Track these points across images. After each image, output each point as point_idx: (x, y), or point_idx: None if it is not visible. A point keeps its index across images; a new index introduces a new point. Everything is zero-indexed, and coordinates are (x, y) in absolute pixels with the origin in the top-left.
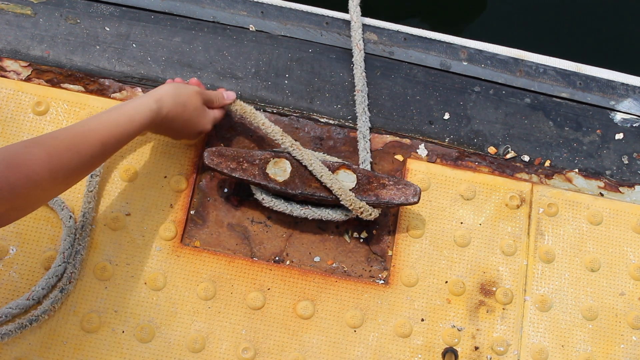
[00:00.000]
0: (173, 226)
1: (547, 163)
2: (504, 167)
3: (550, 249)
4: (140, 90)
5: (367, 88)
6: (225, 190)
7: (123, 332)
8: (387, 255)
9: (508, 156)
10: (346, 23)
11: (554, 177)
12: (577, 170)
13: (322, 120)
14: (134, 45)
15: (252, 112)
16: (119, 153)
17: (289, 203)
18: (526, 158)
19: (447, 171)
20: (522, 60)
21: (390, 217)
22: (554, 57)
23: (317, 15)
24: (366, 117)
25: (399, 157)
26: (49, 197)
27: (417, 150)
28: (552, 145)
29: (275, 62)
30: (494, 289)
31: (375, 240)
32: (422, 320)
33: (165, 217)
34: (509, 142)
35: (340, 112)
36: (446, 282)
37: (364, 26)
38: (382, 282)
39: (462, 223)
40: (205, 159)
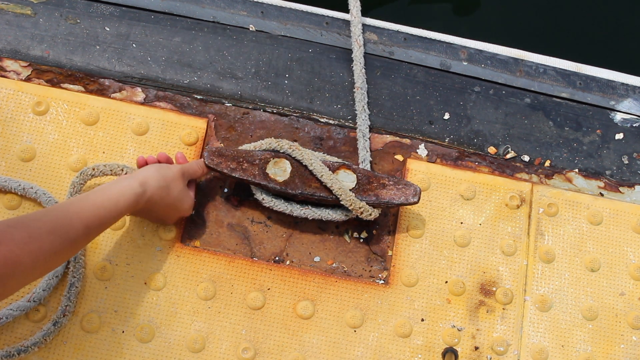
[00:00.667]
0: (173, 226)
1: (547, 163)
2: (504, 167)
3: (550, 249)
4: (140, 90)
5: (366, 85)
6: (225, 190)
7: (123, 332)
8: (387, 255)
9: (508, 156)
10: (346, 23)
11: (554, 177)
12: (577, 170)
13: (322, 120)
14: (134, 45)
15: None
16: (119, 153)
17: (289, 203)
18: (526, 158)
19: (447, 171)
20: (522, 60)
21: (390, 217)
22: (554, 57)
23: (317, 15)
24: (365, 115)
25: (399, 157)
26: (27, 281)
27: (417, 150)
28: (552, 145)
29: (275, 62)
30: (494, 289)
31: (375, 240)
32: (422, 320)
33: None
34: (509, 142)
35: (340, 112)
36: (446, 282)
37: (364, 26)
38: (382, 282)
39: (462, 223)
40: (205, 159)
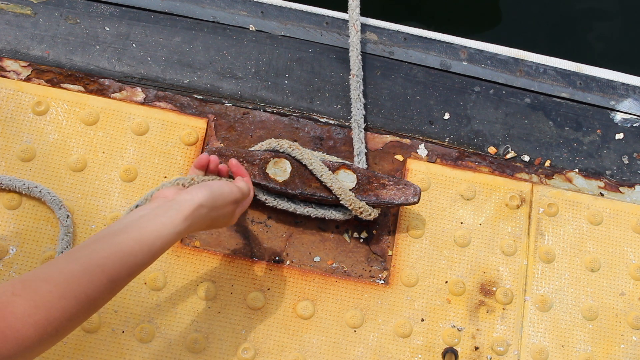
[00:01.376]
0: None
1: (547, 163)
2: (504, 167)
3: (550, 249)
4: (140, 90)
5: (362, 73)
6: None
7: (123, 332)
8: (387, 255)
9: (508, 156)
10: (346, 23)
11: (554, 177)
12: (577, 170)
13: (322, 120)
14: (134, 45)
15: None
16: (119, 153)
17: (292, 202)
18: (526, 158)
19: (447, 171)
20: (522, 60)
21: (390, 217)
22: (554, 57)
23: (317, 15)
24: (361, 105)
25: (399, 157)
26: (37, 353)
27: (417, 150)
28: (552, 145)
29: (275, 62)
30: (494, 289)
31: (375, 240)
32: (422, 320)
33: None
34: (509, 142)
35: (340, 112)
36: (446, 282)
37: (364, 26)
38: (382, 282)
39: (462, 223)
40: None
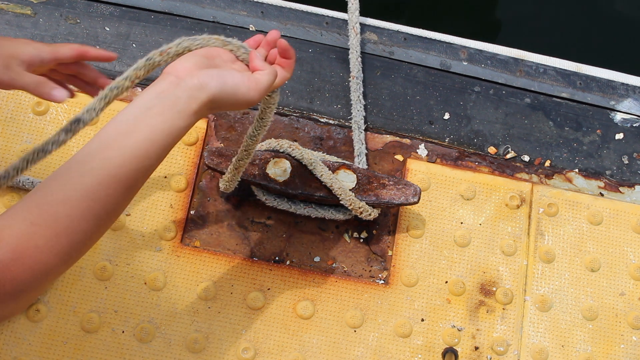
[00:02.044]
0: (173, 226)
1: (547, 163)
2: (504, 167)
3: (550, 249)
4: (140, 90)
5: (362, 74)
6: None
7: (123, 332)
8: (387, 255)
9: (508, 156)
10: (346, 23)
11: (554, 177)
12: (577, 170)
13: (322, 120)
14: (134, 45)
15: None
16: None
17: (292, 202)
18: (526, 158)
19: (447, 171)
20: (522, 60)
21: (390, 217)
22: (554, 57)
23: (317, 15)
24: (361, 106)
25: (399, 157)
26: (59, 274)
27: (417, 150)
28: (552, 145)
29: None
30: (494, 289)
31: (375, 240)
32: (422, 320)
33: (165, 217)
34: (509, 142)
35: (340, 112)
36: (446, 282)
37: (364, 26)
38: (382, 282)
39: (462, 223)
40: (205, 159)
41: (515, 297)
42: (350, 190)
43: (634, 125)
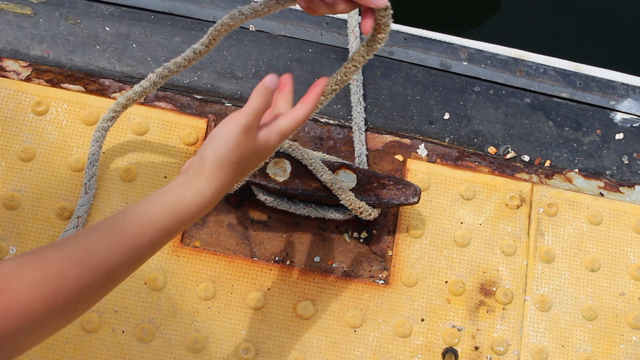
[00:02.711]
0: None
1: (547, 163)
2: (504, 167)
3: (550, 249)
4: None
5: (362, 77)
6: None
7: (123, 332)
8: (387, 255)
9: (508, 156)
10: (346, 23)
11: (554, 177)
12: (577, 170)
13: (322, 120)
14: (134, 45)
15: None
16: (119, 153)
17: (292, 202)
18: (526, 158)
19: (447, 171)
20: (522, 60)
21: (390, 217)
22: (554, 57)
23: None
24: (361, 108)
25: (399, 157)
26: (49, 331)
27: (417, 150)
28: (552, 145)
29: (275, 62)
30: (494, 289)
31: (375, 240)
32: (422, 320)
33: None
34: (509, 142)
35: (340, 112)
36: (446, 282)
37: None
38: (382, 282)
39: (462, 223)
40: None
41: (515, 297)
42: (350, 190)
43: (634, 125)
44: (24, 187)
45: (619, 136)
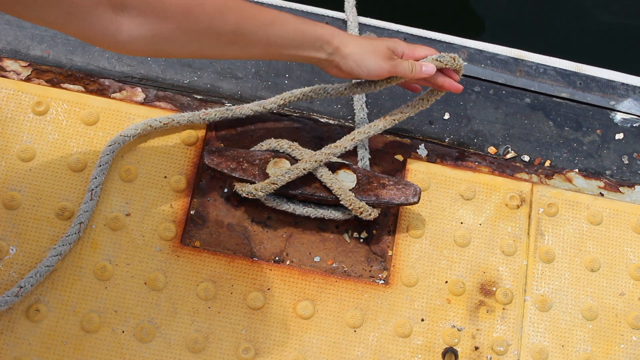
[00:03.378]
0: (173, 226)
1: (547, 163)
2: (504, 167)
3: (550, 249)
4: (140, 90)
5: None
6: (225, 190)
7: (123, 332)
8: (387, 255)
9: (508, 156)
10: (346, 23)
11: (554, 177)
12: (577, 170)
13: (322, 120)
14: None
15: None
16: (119, 153)
17: (291, 202)
18: (526, 158)
19: (447, 171)
20: (522, 60)
21: (390, 217)
22: (554, 57)
23: (317, 15)
24: (364, 114)
25: (399, 157)
26: (179, 45)
27: (417, 150)
28: (552, 145)
29: (275, 62)
30: (494, 289)
31: (375, 240)
32: (422, 320)
33: (165, 217)
34: (509, 142)
35: (340, 112)
36: (446, 282)
37: (364, 26)
38: (382, 282)
39: (462, 223)
40: (205, 159)
41: (515, 297)
42: (350, 190)
43: (634, 125)
44: (24, 187)
45: (619, 136)
